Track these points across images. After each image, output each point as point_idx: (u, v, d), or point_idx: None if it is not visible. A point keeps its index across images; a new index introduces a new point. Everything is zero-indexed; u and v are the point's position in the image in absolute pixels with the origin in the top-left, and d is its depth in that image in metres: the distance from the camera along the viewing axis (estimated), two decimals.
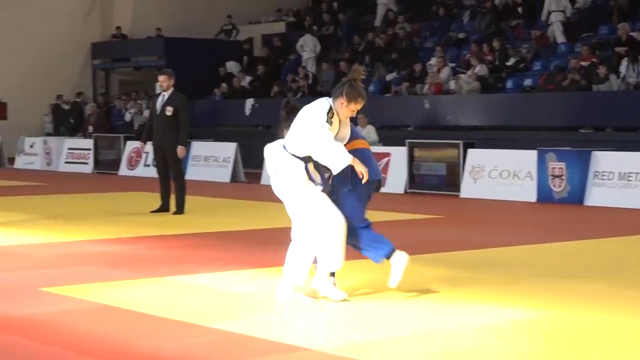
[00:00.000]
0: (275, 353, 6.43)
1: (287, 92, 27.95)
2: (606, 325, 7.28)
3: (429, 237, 12.79)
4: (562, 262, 10.86)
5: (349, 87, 8.14)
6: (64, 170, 27.94)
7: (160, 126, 15.18)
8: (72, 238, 12.25)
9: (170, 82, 15.19)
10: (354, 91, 8.16)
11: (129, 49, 34.53)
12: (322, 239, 7.86)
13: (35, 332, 7.04)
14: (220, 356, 6.41)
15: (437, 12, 29.06)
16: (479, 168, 18.92)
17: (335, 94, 8.16)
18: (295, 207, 7.94)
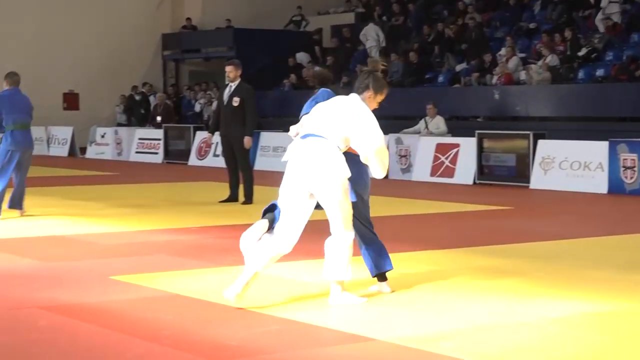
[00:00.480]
0: (341, 343, 6.44)
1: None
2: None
3: (497, 229, 12.71)
4: (633, 254, 10.73)
5: (374, 79, 7.94)
6: (134, 160, 28.23)
7: (227, 117, 15.28)
8: (141, 227, 12.37)
9: (237, 73, 15.27)
10: (379, 82, 7.96)
11: (199, 40, 34.75)
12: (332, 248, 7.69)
13: (105, 320, 7.12)
14: (286, 345, 6.43)
15: (508, 2, 28.80)
16: (549, 159, 18.75)
17: (361, 87, 7.94)
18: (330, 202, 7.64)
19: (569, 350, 6.28)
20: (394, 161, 21.40)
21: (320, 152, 7.52)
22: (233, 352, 6.21)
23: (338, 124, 7.62)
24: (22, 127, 13.29)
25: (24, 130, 13.34)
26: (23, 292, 8.13)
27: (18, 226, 12.54)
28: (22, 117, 13.34)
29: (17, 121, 13.24)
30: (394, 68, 27.54)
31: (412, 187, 19.31)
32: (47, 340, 6.54)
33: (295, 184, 7.58)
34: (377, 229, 8.50)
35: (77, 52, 33.09)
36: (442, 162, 20.53)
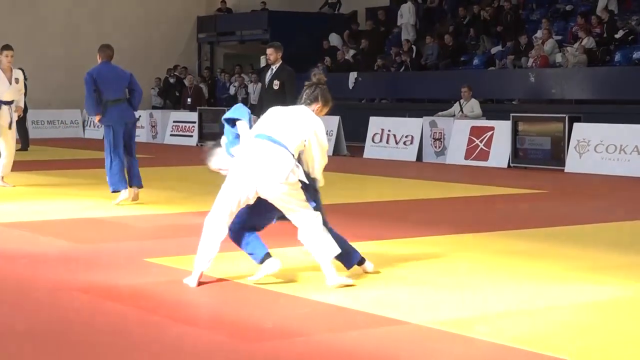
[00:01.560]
0: (374, 326, 6.46)
1: (391, 66, 27.87)
2: None
3: (531, 212, 12.68)
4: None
5: (321, 91, 7.95)
6: (169, 142, 28.34)
7: (268, 99, 15.29)
8: (176, 210, 12.43)
9: (278, 55, 15.23)
10: (326, 95, 7.99)
11: (233, 23, 34.79)
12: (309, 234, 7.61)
13: (141, 302, 7.18)
14: (319, 328, 6.46)
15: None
16: (584, 142, 18.66)
17: (309, 99, 7.94)
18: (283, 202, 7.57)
19: (602, 334, 6.28)
20: (428, 144, 21.38)
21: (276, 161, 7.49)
22: (268, 334, 6.25)
23: (296, 134, 7.62)
24: (114, 102, 13.13)
25: (117, 104, 13.15)
26: (60, 274, 8.22)
27: (53, 208, 12.64)
28: (113, 92, 13.18)
29: (109, 97, 13.12)
30: (428, 51, 27.48)
31: (446, 170, 19.28)
32: (83, 322, 6.60)
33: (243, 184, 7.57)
34: (410, 213, 8.49)
35: (113, 34, 33.13)
36: (477, 145, 20.47)
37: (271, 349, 5.94)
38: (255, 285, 7.66)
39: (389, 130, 22.50)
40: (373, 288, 7.62)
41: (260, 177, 7.48)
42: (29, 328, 6.43)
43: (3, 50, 14.99)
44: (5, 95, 14.88)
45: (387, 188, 15.85)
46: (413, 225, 11.23)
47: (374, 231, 10.44)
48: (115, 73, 13.40)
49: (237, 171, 7.62)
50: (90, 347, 5.99)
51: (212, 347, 5.96)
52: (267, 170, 7.46)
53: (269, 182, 7.46)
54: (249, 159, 7.58)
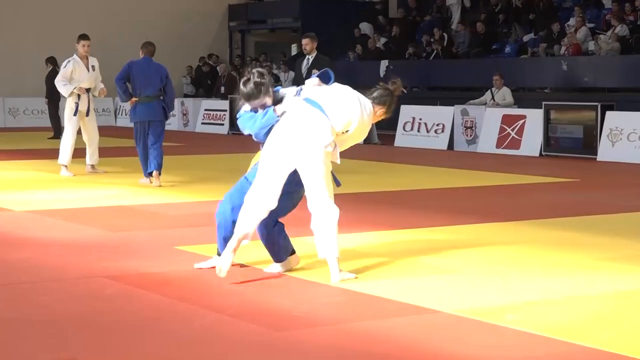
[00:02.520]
0: (405, 314, 6.46)
1: (422, 54, 27.80)
2: None
3: (564, 201, 12.62)
4: None
5: (391, 100, 7.84)
6: (200, 130, 28.43)
7: None
8: (206, 198, 12.46)
9: (314, 45, 15.61)
10: (392, 105, 7.89)
11: (265, 11, 34.81)
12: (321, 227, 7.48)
13: (171, 289, 7.21)
14: (350, 316, 6.47)
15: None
16: (617, 131, 18.55)
17: (377, 99, 7.79)
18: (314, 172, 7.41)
19: (632, 324, 6.24)
20: (460, 132, 21.33)
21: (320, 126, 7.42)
22: (298, 322, 6.26)
23: (343, 118, 7.53)
24: (145, 99, 13.86)
25: (147, 102, 13.86)
26: (90, 262, 8.26)
27: (85, 196, 12.72)
28: (144, 88, 13.89)
29: (141, 93, 13.87)
30: (460, 39, 27.38)
31: (478, 158, 19.22)
32: (114, 310, 6.64)
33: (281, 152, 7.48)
34: (442, 200, 8.47)
35: (144, 23, 33.27)
36: (508, 133, 20.40)
37: (302, 337, 5.95)
38: (284, 273, 7.67)
39: (420, 119, 22.46)
40: (403, 276, 7.62)
41: (303, 138, 7.39)
42: (61, 316, 6.47)
43: (80, 40, 15.65)
44: (85, 82, 15.44)
45: (418, 176, 15.83)
46: (443, 213, 11.21)
47: (404, 219, 10.43)
48: (152, 69, 14.07)
49: (280, 130, 7.51)
50: (121, 335, 6.02)
51: (243, 336, 5.98)
52: (310, 132, 7.38)
53: (311, 144, 7.36)
54: (294, 118, 7.50)
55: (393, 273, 7.75)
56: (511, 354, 5.64)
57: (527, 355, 5.61)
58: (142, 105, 13.88)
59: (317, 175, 7.41)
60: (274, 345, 5.82)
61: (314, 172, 7.41)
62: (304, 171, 7.44)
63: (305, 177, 7.46)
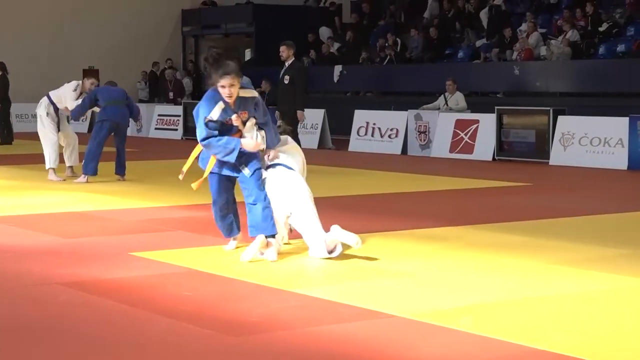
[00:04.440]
0: (359, 319, 6.48)
1: (376, 59, 27.88)
2: None
3: (516, 205, 12.71)
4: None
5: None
6: (154, 136, 28.31)
7: (280, 94, 16.86)
8: (160, 204, 12.43)
9: (290, 52, 16.73)
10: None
11: (218, 16, 34.76)
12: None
13: (126, 296, 7.18)
14: (305, 321, 6.48)
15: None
16: (569, 135, 18.73)
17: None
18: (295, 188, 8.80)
19: (586, 325, 6.30)
20: (413, 137, 21.42)
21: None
22: (252, 327, 6.26)
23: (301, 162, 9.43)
24: (113, 102, 14.96)
25: (115, 105, 14.98)
26: (44, 268, 8.21)
27: (40, 203, 12.63)
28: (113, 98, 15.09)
29: (110, 99, 14.98)
30: (413, 44, 27.50)
31: (431, 163, 19.31)
32: (68, 316, 6.60)
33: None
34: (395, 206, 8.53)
35: (97, 28, 33.13)
36: (462, 138, 20.52)
37: (256, 342, 5.96)
38: (240, 279, 7.68)
39: (374, 124, 22.53)
40: (358, 281, 7.64)
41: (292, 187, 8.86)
42: (14, 322, 6.42)
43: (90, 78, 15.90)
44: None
45: (372, 181, 15.87)
46: (398, 218, 11.25)
47: (358, 224, 10.44)
48: (114, 89, 15.38)
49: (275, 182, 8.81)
50: (75, 341, 5.99)
51: (198, 341, 5.97)
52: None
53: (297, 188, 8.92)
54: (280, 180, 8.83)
55: (347, 278, 7.77)
56: (464, 356, 5.68)
57: (480, 357, 5.65)
58: (113, 107, 14.93)
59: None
60: (228, 350, 5.82)
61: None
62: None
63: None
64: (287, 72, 16.50)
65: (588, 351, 5.65)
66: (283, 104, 16.64)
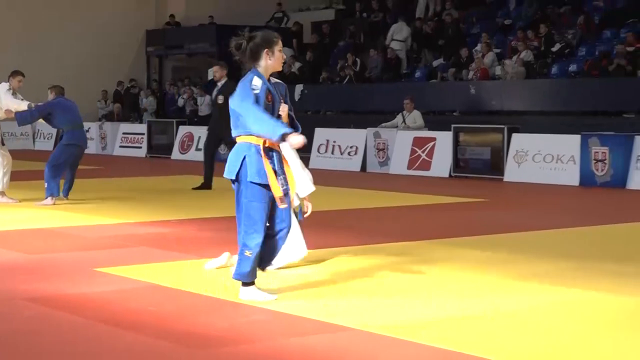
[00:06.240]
0: (320, 332, 6.46)
1: (336, 79, 27.93)
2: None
3: (472, 220, 12.76)
4: (605, 244, 10.80)
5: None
6: (118, 154, 28.19)
7: (215, 113, 16.72)
8: (124, 220, 12.36)
9: (223, 73, 16.53)
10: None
11: (182, 36, 34.70)
12: None
13: (89, 311, 7.12)
14: (267, 335, 6.45)
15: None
16: (522, 152, 18.84)
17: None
18: None
19: (542, 338, 6.32)
20: (372, 154, 21.46)
21: None
22: (216, 341, 6.23)
23: None
24: (79, 126, 14.55)
25: (80, 129, 14.60)
26: (8, 284, 8.12)
27: (2, 219, 12.51)
28: (78, 118, 14.60)
29: (76, 122, 14.48)
30: (372, 64, 27.58)
31: (390, 180, 19.35)
32: (32, 331, 6.53)
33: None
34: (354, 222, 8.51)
35: (63, 47, 32.97)
36: (419, 155, 20.59)
37: (220, 356, 5.92)
38: (202, 293, 7.64)
39: (334, 141, 22.56)
40: (319, 296, 7.62)
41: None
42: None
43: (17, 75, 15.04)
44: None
45: (332, 197, 15.86)
46: (357, 233, 11.25)
47: (319, 239, 10.43)
48: (71, 104, 14.65)
49: None
50: (39, 356, 5.93)
51: (162, 355, 5.93)
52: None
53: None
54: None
55: (309, 293, 7.75)
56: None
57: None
58: (80, 131, 14.56)
59: None
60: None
61: None
62: None
63: None
64: (221, 92, 16.29)
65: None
66: (218, 124, 16.28)
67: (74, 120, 14.47)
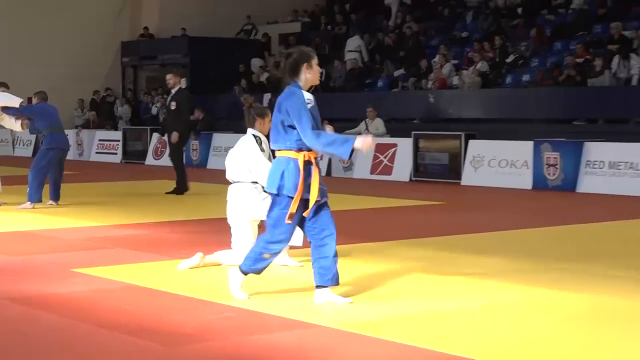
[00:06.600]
0: (287, 329, 6.47)
1: None
2: (597, 304, 7.31)
3: (432, 222, 12.80)
4: (556, 244, 10.87)
5: (254, 111, 9.16)
6: (94, 160, 28.05)
7: (168, 119, 16.86)
8: (101, 223, 12.31)
9: (176, 80, 16.83)
10: (258, 110, 9.22)
11: (155, 48, 34.58)
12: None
13: (68, 310, 7.09)
14: (236, 332, 6.45)
15: (442, 12, 29.00)
16: (479, 158, 18.93)
17: (250, 121, 9.08)
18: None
19: (498, 335, 6.36)
20: (337, 160, 21.46)
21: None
22: (188, 338, 6.22)
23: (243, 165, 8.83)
24: (59, 129, 14.53)
25: (61, 132, 14.57)
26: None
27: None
28: (58, 122, 14.58)
29: (56, 125, 14.47)
30: (337, 73, 27.60)
31: (353, 184, 19.37)
32: (12, 330, 6.50)
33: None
34: None
35: (42, 58, 32.77)
36: (381, 160, 20.64)
37: (192, 352, 5.92)
38: (177, 293, 7.62)
39: None
40: (286, 294, 7.64)
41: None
42: None
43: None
44: None
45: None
46: None
47: None
48: (53, 109, 14.77)
49: None
50: (21, 354, 5.90)
51: (137, 352, 5.91)
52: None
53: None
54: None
55: (276, 291, 7.75)
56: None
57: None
58: (61, 134, 14.54)
59: None
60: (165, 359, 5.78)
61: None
62: None
63: None
64: (174, 98, 16.46)
65: (498, 356, 5.69)
66: (170, 127, 16.60)
67: (54, 124, 14.38)
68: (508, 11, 26.56)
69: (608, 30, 22.68)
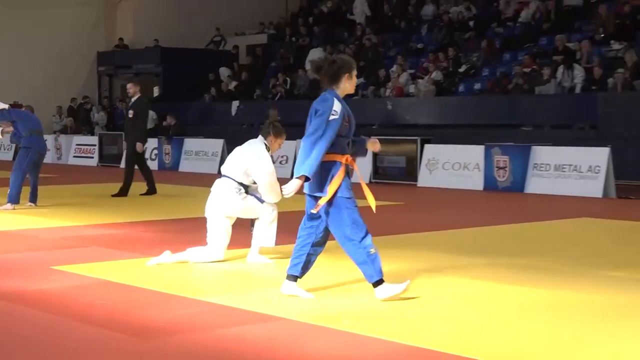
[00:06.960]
0: (252, 322, 6.46)
1: (268, 96, 27.92)
2: (541, 296, 7.36)
3: (391, 221, 12.82)
4: (506, 241, 10.93)
5: (273, 128, 9.22)
6: (72, 163, 27.86)
7: (127, 126, 16.72)
8: (78, 223, 12.23)
9: (136, 89, 16.75)
10: (277, 129, 9.25)
11: (130, 58, 34.43)
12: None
13: (47, 305, 7.04)
14: (207, 325, 6.43)
15: (399, 25, 29.10)
16: (434, 161, 19.00)
17: (265, 133, 9.23)
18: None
19: (450, 325, 6.39)
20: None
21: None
22: (161, 331, 6.19)
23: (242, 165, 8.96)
24: (38, 132, 14.36)
25: (40, 135, 14.44)
26: None
27: None
28: (35, 125, 14.40)
29: (34, 127, 14.29)
30: (300, 82, 27.61)
31: None
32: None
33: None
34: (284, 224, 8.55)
35: (21, 67, 32.54)
36: None
37: (165, 345, 5.89)
38: (150, 288, 7.59)
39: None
40: (254, 289, 7.63)
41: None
42: None
43: None
44: None
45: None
46: (287, 234, 11.23)
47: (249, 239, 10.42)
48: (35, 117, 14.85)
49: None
50: (1, 349, 5.84)
51: (112, 345, 5.88)
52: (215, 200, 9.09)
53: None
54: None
55: (245, 286, 7.75)
56: (345, 352, 5.70)
57: (359, 354, 5.67)
58: (40, 138, 14.44)
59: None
60: (140, 352, 5.74)
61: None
62: None
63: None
64: (132, 106, 16.32)
65: (455, 347, 5.72)
66: (128, 134, 16.40)
67: (33, 128, 14.27)
68: (461, 24, 26.69)
69: (553, 42, 22.85)
